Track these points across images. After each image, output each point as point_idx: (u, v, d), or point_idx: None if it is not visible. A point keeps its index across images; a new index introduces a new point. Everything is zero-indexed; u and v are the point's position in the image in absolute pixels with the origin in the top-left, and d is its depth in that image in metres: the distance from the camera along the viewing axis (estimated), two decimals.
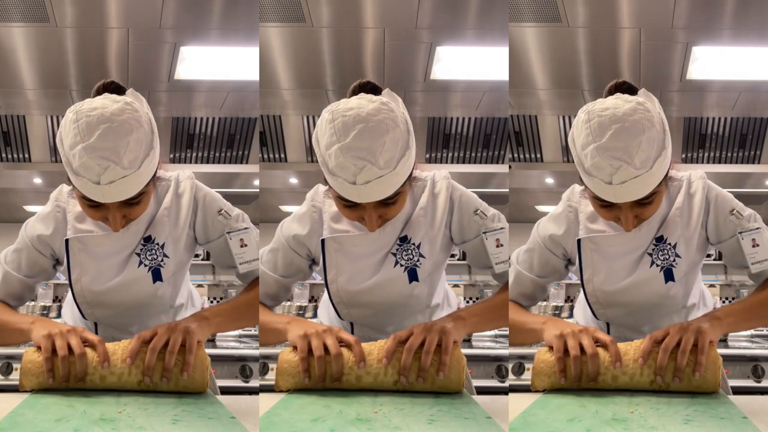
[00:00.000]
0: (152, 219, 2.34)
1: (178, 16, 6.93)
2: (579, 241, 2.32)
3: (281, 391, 2.26)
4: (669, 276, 2.27)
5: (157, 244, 2.31)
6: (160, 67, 7.31)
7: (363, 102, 2.29)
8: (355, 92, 2.40)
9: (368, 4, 6.92)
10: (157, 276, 2.33)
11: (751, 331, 6.23)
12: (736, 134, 8.06)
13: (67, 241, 2.36)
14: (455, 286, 2.63)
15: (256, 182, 8.97)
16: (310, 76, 7.44)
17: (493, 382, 5.44)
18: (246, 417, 2.02)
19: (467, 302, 8.36)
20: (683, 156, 8.05)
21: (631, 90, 2.45)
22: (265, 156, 8.21)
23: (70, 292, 2.44)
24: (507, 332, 2.32)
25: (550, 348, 2.24)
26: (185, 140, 8.13)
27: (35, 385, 2.24)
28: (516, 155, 8.20)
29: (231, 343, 5.65)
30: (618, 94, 2.44)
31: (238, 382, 5.08)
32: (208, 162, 8.19)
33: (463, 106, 7.89)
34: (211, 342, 5.39)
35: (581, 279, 2.34)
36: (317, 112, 9.31)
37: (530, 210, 10.29)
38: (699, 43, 7.08)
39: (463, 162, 8.25)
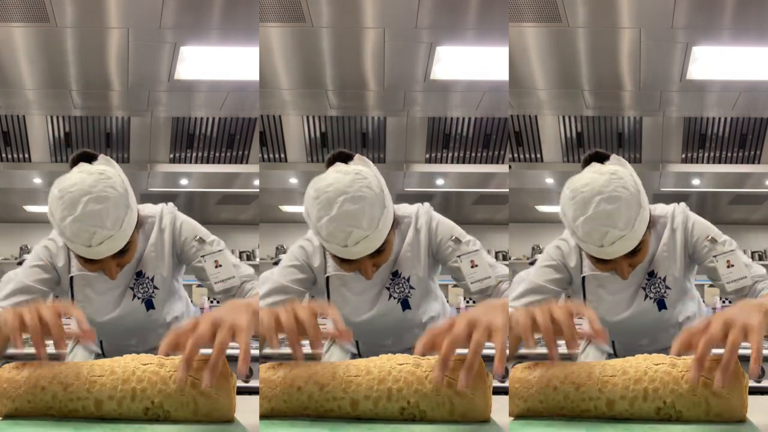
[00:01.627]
0: (141, 256, 2.62)
1: (178, 16, 6.93)
2: (584, 278, 2.58)
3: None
4: (662, 305, 2.56)
5: (147, 278, 2.61)
6: (160, 67, 7.30)
7: (339, 176, 2.45)
8: (330, 163, 2.54)
9: (368, 4, 6.91)
10: (149, 305, 2.62)
11: None
12: (736, 134, 8.05)
13: (71, 278, 2.61)
14: (455, 285, 2.58)
15: (256, 182, 8.96)
16: (310, 76, 7.43)
17: (494, 382, 5.43)
18: (246, 417, 1.91)
19: (467, 302, 8.35)
20: (683, 156, 8.04)
21: (602, 158, 2.67)
22: (265, 156, 8.20)
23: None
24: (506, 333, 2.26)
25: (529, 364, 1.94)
26: (185, 140, 8.12)
27: (10, 411, 1.86)
28: (516, 155, 8.19)
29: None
30: (593, 165, 2.63)
31: (238, 382, 5.08)
32: (208, 162, 8.19)
33: (463, 106, 7.88)
34: None
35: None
36: (317, 112, 9.32)
37: (530, 210, 10.28)
38: (699, 43, 7.07)
39: (463, 162, 8.24)
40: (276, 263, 10.48)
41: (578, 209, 2.42)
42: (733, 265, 2.48)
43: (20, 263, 9.41)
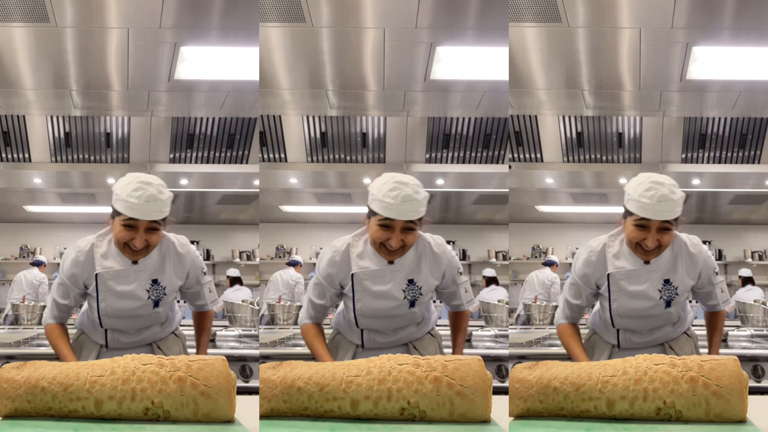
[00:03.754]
0: (157, 268, 3.28)
1: (178, 16, 6.92)
2: (609, 275, 3.25)
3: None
4: (668, 305, 3.28)
5: (161, 285, 3.29)
6: (160, 67, 7.29)
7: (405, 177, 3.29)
8: None
9: (368, 4, 6.91)
10: (156, 305, 3.30)
11: (751, 331, 6.23)
12: (736, 134, 8.05)
13: (96, 275, 3.24)
14: (433, 300, 3.37)
15: (256, 182, 8.95)
16: (310, 76, 7.43)
17: (494, 383, 5.43)
18: (246, 417, 1.90)
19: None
20: (683, 156, 8.04)
21: None
22: (265, 156, 8.20)
23: (86, 306, 3.36)
24: (507, 333, 2.31)
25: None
26: (185, 140, 8.12)
27: (10, 411, 1.86)
28: (516, 155, 8.19)
29: (231, 342, 5.64)
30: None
31: (238, 382, 5.07)
32: (208, 162, 8.18)
33: (463, 106, 7.87)
34: (212, 342, 5.38)
35: (609, 300, 3.26)
36: (317, 112, 9.30)
37: (530, 210, 10.28)
38: (699, 43, 7.07)
39: (463, 162, 8.23)
40: (289, 264, 10.47)
41: (648, 180, 3.16)
42: (723, 291, 3.39)
43: (33, 264, 9.33)
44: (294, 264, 9.63)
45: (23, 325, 7.47)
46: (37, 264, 9.67)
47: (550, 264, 9.54)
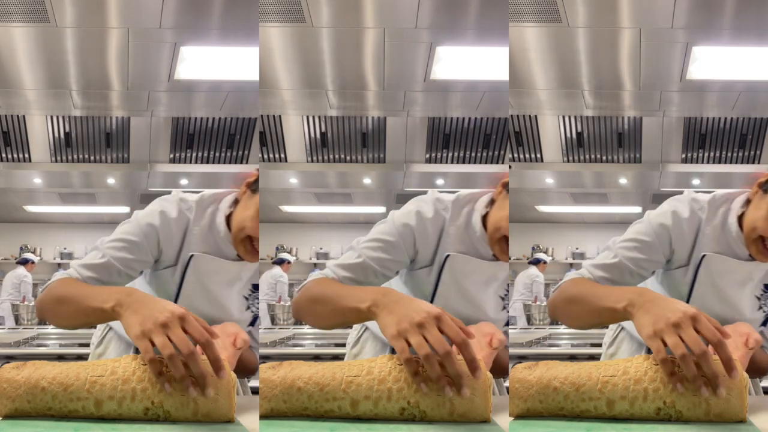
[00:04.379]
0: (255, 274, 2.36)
1: (178, 16, 6.93)
2: (704, 257, 2.25)
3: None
4: (765, 323, 2.28)
5: (257, 296, 2.34)
6: (160, 67, 7.30)
7: None
8: None
9: (368, 4, 6.91)
10: (252, 323, 2.34)
11: None
12: (736, 134, 8.05)
13: (191, 257, 2.24)
14: None
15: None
16: (310, 76, 7.43)
17: (494, 382, 5.43)
18: (246, 417, 1.90)
19: None
20: (683, 156, 8.04)
21: None
22: (265, 156, 8.20)
23: (143, 281, 2.30)
24: (506, 332, 2.23)
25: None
26: (185, 140, 8.12)
27: (10, 411, 1.82)
28: (516, 155, 8.19)
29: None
30: None
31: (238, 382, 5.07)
32: (208, 162, 8.18)
33: (463, 106, 7.87)
34: None
35: (689, 293, 2.28)
36: (317, 112, 9.31)
37: (530, 210, 10.28)
38: (699, 43, 7.07)
39: (463, 162, 8.23)
40: (275, 263, 10.33)
41: None
42: None
43: (19, 263, 9.23)
44: (280, 262, 9.39)
45: (23, 325, 7.47)
46: (24, 262, 9.56)
47: (536, 262, 9.45)
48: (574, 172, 8.23)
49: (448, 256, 2.24)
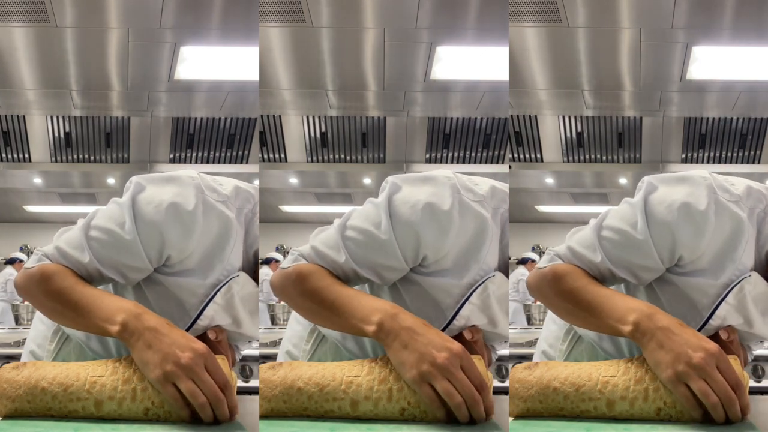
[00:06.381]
0: None
1: (178, 16, 6.92)
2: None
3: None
4: None
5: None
6: (160, 67, 7.30)
7: None
8: None
9: (368, 4, 6.91)
10: None
11: None
12: (736, 134, 8.04)
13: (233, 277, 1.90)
14: None
15: (256, 182, 8.95)
16: (310, 76, 7.42)
17: (494, 382, 5.43)
18: (246, 417, 1.90)
19: None
20: (683, 156, 8.03)
21: None
22: (265, 156, 8.20)
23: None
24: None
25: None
26: (185, 140, 8.12)
27: (10, 411, 1.80)
28: (516, 155, 8.19)
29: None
30: None
31: (238, 382, 5.07)
32: (208, 162, 8.18)
33: (463, 106, 7.87)
34: None
35: (714, 307, 1.86)
36: (317, 112, 9.30)
37: (530, 210, 10.28)
38: (699, 43, 7.07)
39: (463, 162, 8.23)
40: (263, 262, 10.33)
41: None
42: None
43: (8, 262, 9.20)
44: (268, 262, 9.23)
45: (23, 325, 7.47)
46: (12, 261, 9.52)
47: (524, 262, 9.42)
48: (574, 172, 8.23)
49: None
